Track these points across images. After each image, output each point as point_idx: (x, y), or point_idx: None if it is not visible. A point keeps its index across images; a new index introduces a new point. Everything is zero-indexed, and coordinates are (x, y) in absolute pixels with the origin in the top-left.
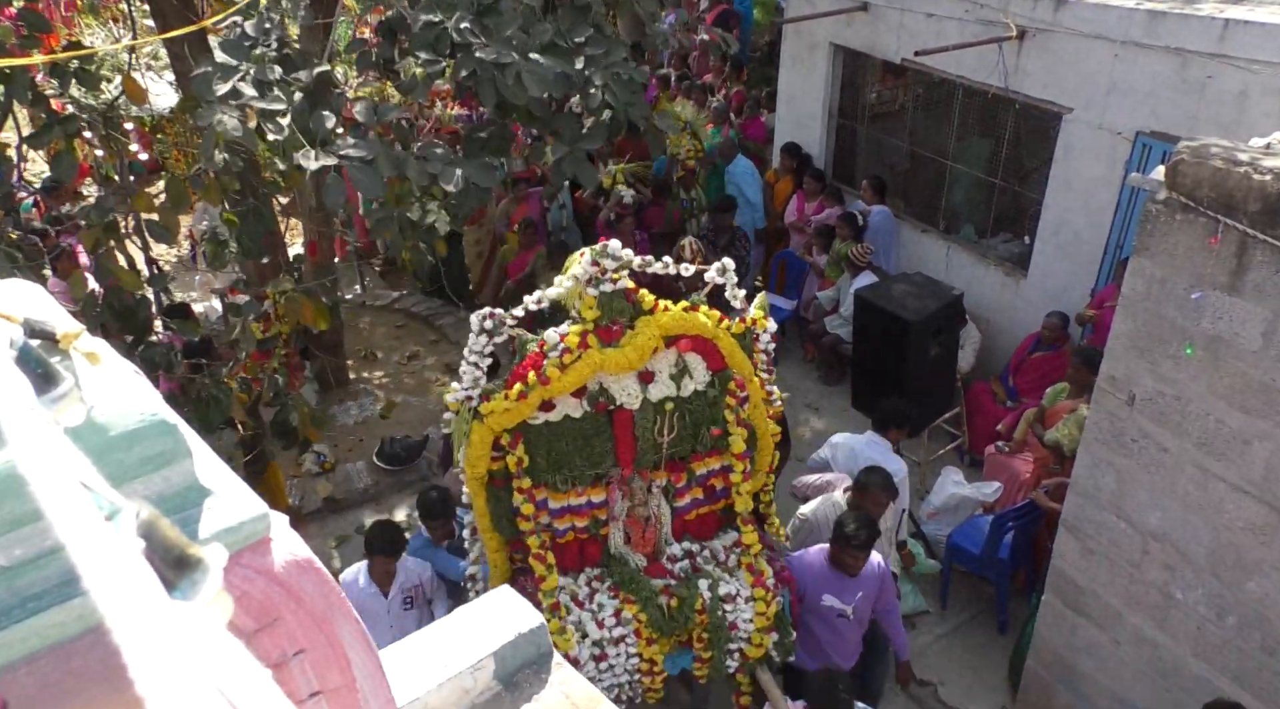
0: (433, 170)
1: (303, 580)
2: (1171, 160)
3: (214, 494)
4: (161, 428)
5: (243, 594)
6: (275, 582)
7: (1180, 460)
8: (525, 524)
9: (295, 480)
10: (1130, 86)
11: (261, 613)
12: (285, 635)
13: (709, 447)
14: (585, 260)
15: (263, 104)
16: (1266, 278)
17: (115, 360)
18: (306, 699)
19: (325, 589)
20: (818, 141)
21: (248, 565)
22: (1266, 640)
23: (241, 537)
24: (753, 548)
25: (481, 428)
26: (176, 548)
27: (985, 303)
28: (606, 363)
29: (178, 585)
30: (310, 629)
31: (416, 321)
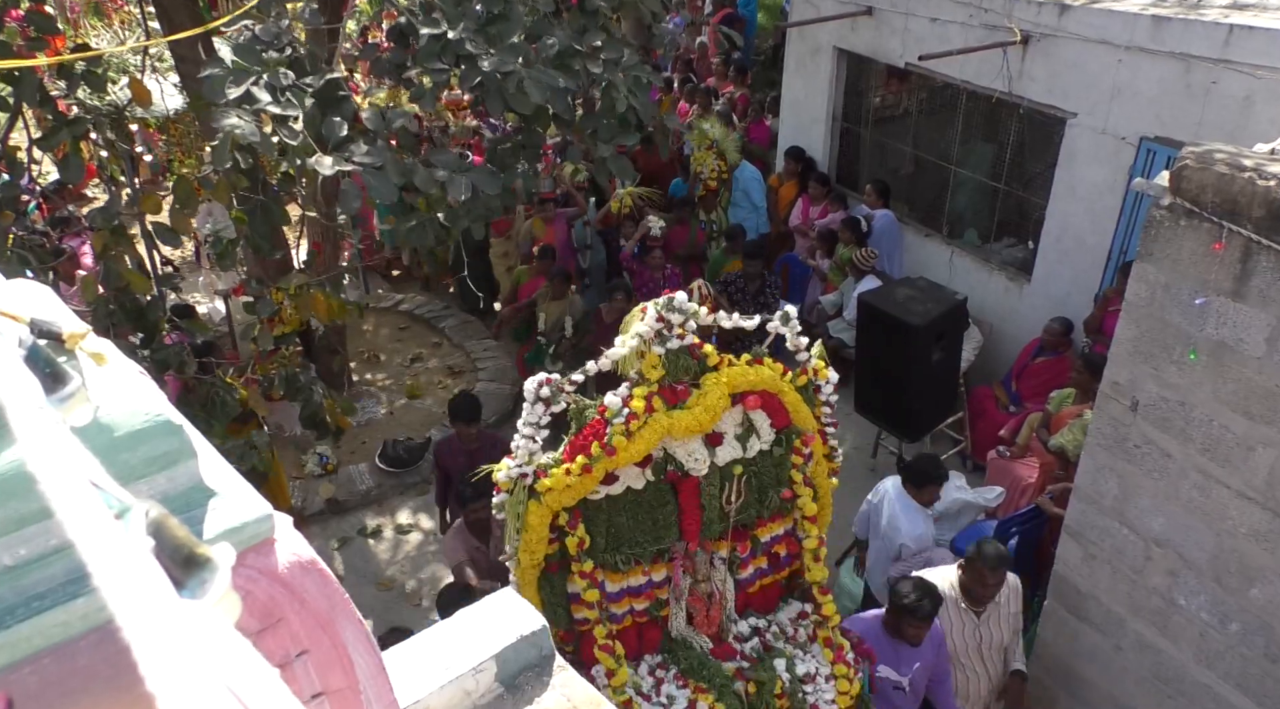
0: (440, 178)
1: (306, 581)
2: (1176, 166)
3: (218, 495)
4: (166, 428)
5: (246, 595)
6: (278, 582)
7: (1183, 466)
8: (589, 612)
9: (298, 482)
10: (1135, 92)
11: (265, 614)
12: (288, 636)
13: (773, 510)
14: (650, 316)
15: (276, 109)
16: (1271, 283)
17: (121, 361)
18: (309, 700)
19: (328, 590)
20: (821, 145)
21: (251, 566)
22: (1270, 647)
23: (245, 537)
24: (830, 620)
25: (539, 508)
26: (185, 547)
27: (989, 308)
28: (675, 427)
29: (186, 585)
30: (313, 630)
31: (419, 324)
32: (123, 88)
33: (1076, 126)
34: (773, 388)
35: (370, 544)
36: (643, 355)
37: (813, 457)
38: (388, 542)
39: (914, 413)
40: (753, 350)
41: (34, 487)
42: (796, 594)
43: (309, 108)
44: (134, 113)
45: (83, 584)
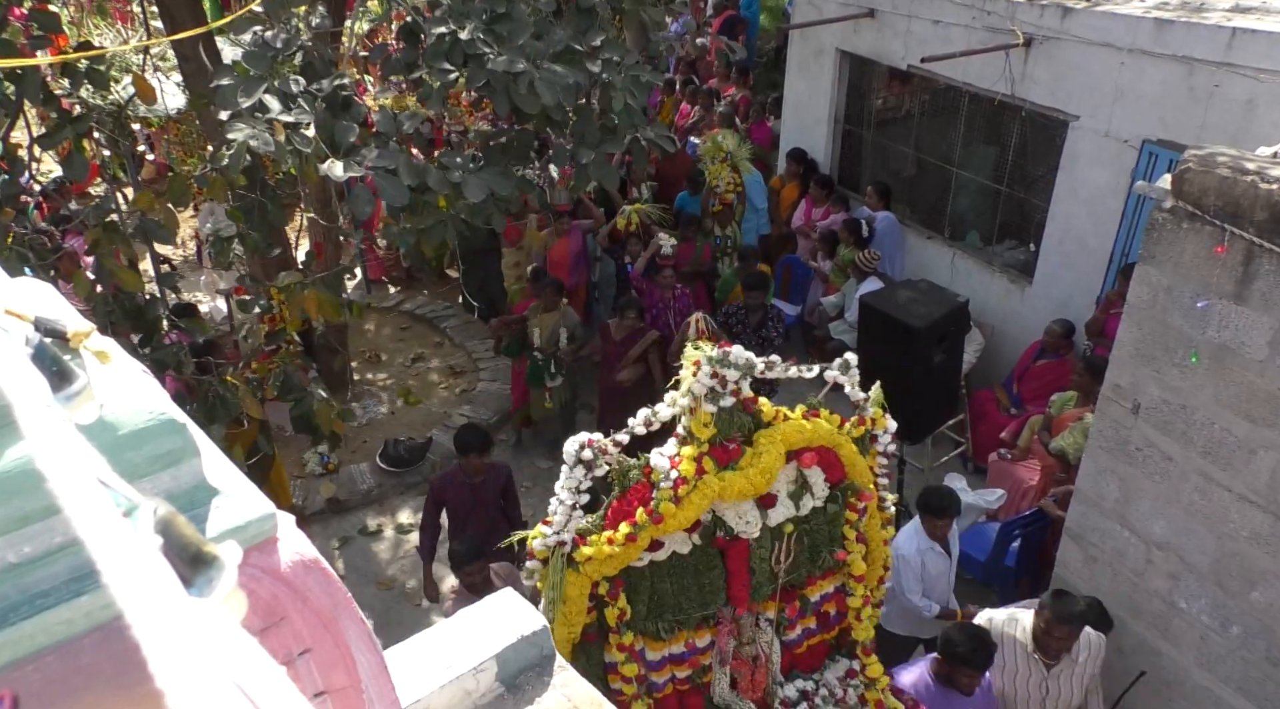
0: (454, 179)
1: (309, 580)
2: (1178, 168)
3: (222, 493)
4: (170, 427)
5: (249, 593)
6: (281, 581)
7: (1185, 469)
8: (627, 688)
9: (299, 481)
10: (1137, 94)
11: (268, 612)
12: (291, 635)
13: (825, 568)
14: (704, 372)
15: (289, 118)
16: (1273, 287)
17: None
18: (312, 699)
19: (331, 589)
20: (823, 147)
21: (254, 565)
22: (1271, 651)
23: (248, 536)
24: (879, 683)
25: (578, 578)
26: (193, 545)
27: (990, 310)
28: (727, 490)
29: (194, 582)
30: (316, 629)
31: (421, 324)
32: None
33: (1079, 129)
34: (830, 443)
35: (371, 544)
36: (693, 412)
37: (867, 511)
38: (388, 541)
39: (915, 415)
40: (809, 402)
41: (41, 484)
42: (844, 651)
43: (320, 112)
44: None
45: (88, 581)
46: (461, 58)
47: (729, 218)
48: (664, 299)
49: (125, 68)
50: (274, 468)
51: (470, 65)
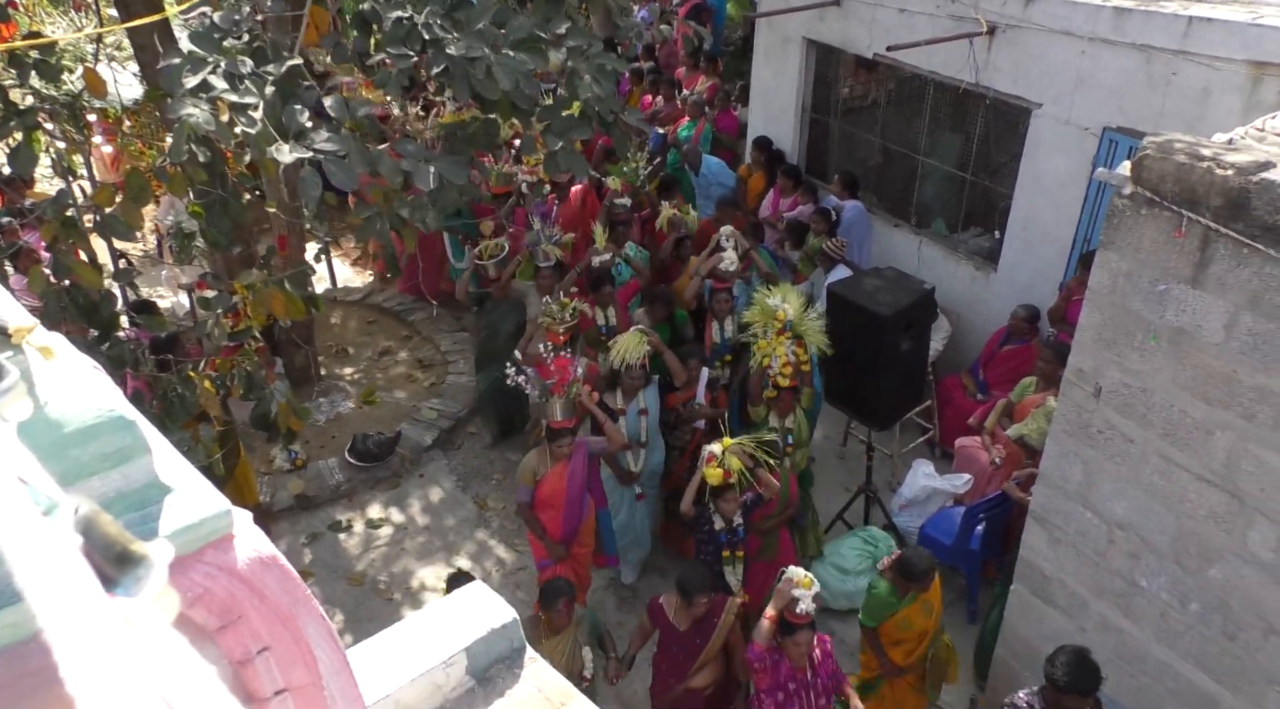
0: (406, 167)
1: (266, 577)
2: (1137, 156)
3: (175, 491)
4: (119, 424)
5: (205, 591)
6: (238, 579)
7: (1145, 451)
8: None
9: (266, 477)
10: (1097, 82)
11: (224, 610)
12: (249, 633)
13: None
14: None
15: (234, 97)
16: (1228, 271)
17: (72, 356)
18: (271, 697)
19: (289, 586)
20: (791, 136)
21: (210, 562)
22: (1227, 625)
23: (203, 533)
24: None
25: None
26: (118, 544)
27: (956, 297)
28: None
29: (120, 582)
30: (274, 626)
31: (388, 317)
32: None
33: (1041, 117)
34: None
35: (341, 539)
36: None
37: None
38: (358, 537)
39: (883, 401)
40: None
41: None
42: None
43: (269, 96)
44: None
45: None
46: (420, 43)
47: (787, 407)
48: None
49: (79, 58)
50: (240, 464)
51: (430, 51)
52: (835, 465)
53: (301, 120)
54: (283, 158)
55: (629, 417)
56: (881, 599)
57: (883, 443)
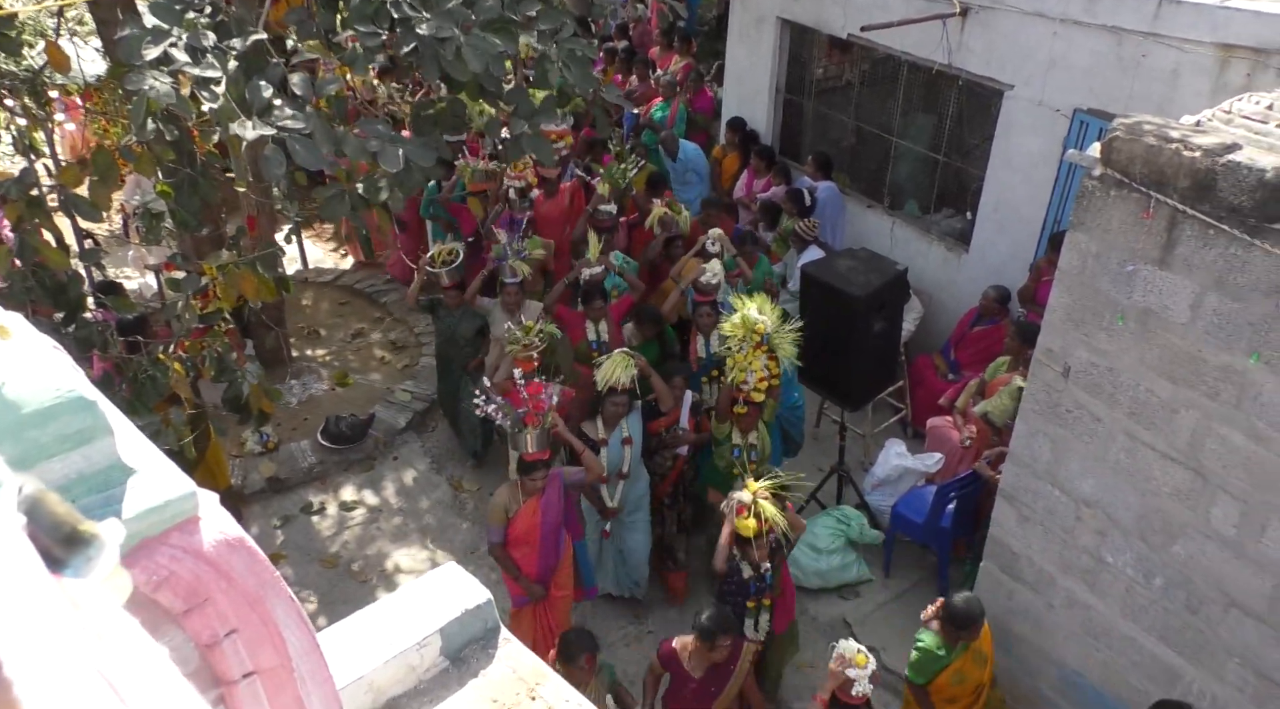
0: (372, 148)
1: (233, 560)
2: (1107, 137)
3: (138, 472)
4: (79, 404)
5: (170, 574)
6: (204, 561)
7: (1112, 429)
8: None
9: (238, 460)
10: (1069, 64)
11: (190, 593)
12: (216, 616)
13: None
14: None
15: (196, 71)
16: (1194, 251)
17: (31, 336)
18: (239, 680)
19: (257, 568)
20: (765, 117)
21: (175, 545)
22: (1190, 600)
23: (168, 516)
24: None
25: None
26: (66, 524)
27: (928, 278)
28: None
29: (69, 563)
30: (242, 609)
31: (360, 299)
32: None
33: (1013, 98)
34: None
35: (314, 522)
36: None
37: None
38: (331, 519)
39: (856, 382)
40: None
41: None
42: None
43: (233, 71)
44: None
45: None
46: (389, 21)
47: (753, 422)
48: None
49: (40, 32)
50: (211, 447)
51: (398, 29)
52: (809, 445)
53: (266, 96)
54: (246, 134)
55: (611, 446)
56: (929, 653)
57: (855, 423)
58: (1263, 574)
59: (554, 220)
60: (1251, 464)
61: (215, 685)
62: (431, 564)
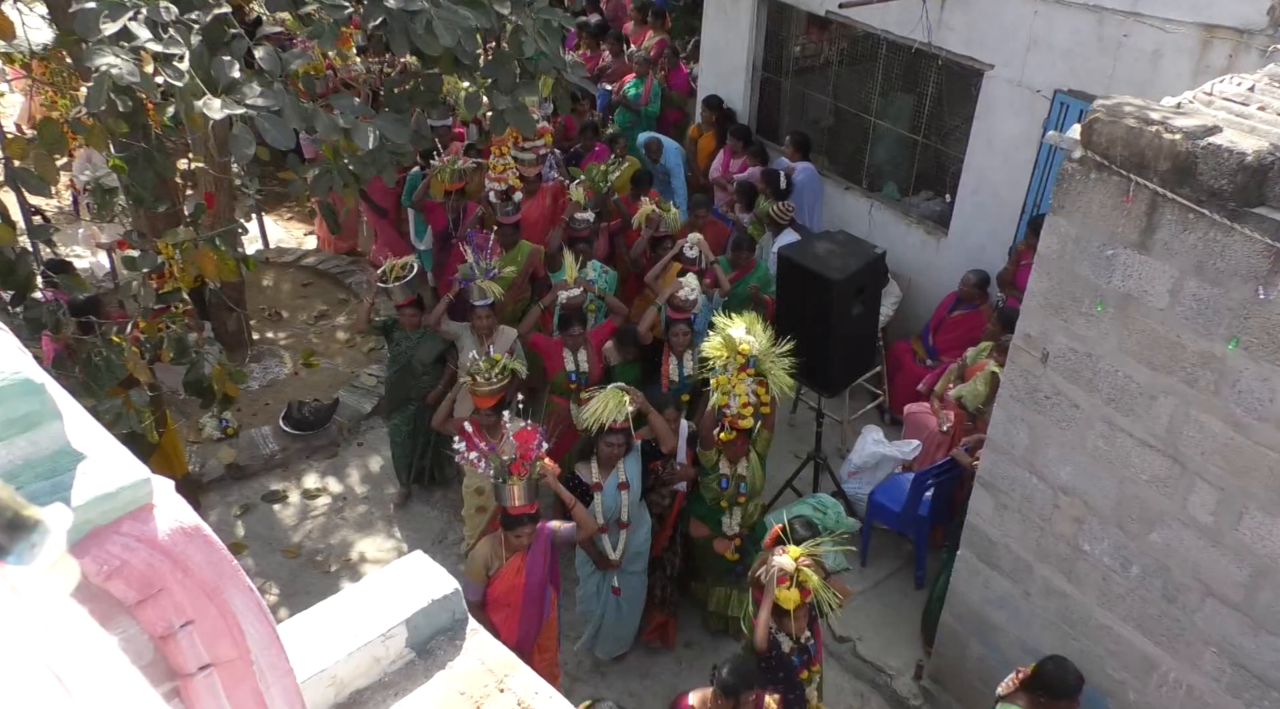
0: (345, 124)
1: (190, 549)
2: (1087, 119)
3: (89, 458)
4: (26, 388)
5: (123, 564)
6: (159, 550)
7: (1090, 416)
8: None
9: (196, 447)
10: (1049, 44)
11: (144, 583)
12: (171, 606)
13: None
14: None
15: (158, 47)
16: (1174, 236)
17: None
18: (196, 673)
19: (215, 557)
20: (742, 96)
21: (128, 534)
22: (1167, 588)
23: (120, 503)
24: None
25: None
26: (8, 509)
27: (907, 261)
28: None
29: (11, 550)
30: (198, 600)
31: (324, 279)
32: None
33: (993, 78)
34: None
35: (276, 510)
36: None
37: None
38: (294, 507)
39: (833, 368)
40: None
41: None
42: None
43: (196, 46)
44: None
45: None
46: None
47: (742, 451)
48: None
49: None
50: (168, 433)
51: (366, 2)
52: (785, 432)
53: (231, 72)
54: (212, 113)
55: (607, 491)
56: None
57: (832, 409)
58: (1239, 563)
59: (534, 222)
60: (1229, 452)
61: (170, 678)
62: (397, 553)
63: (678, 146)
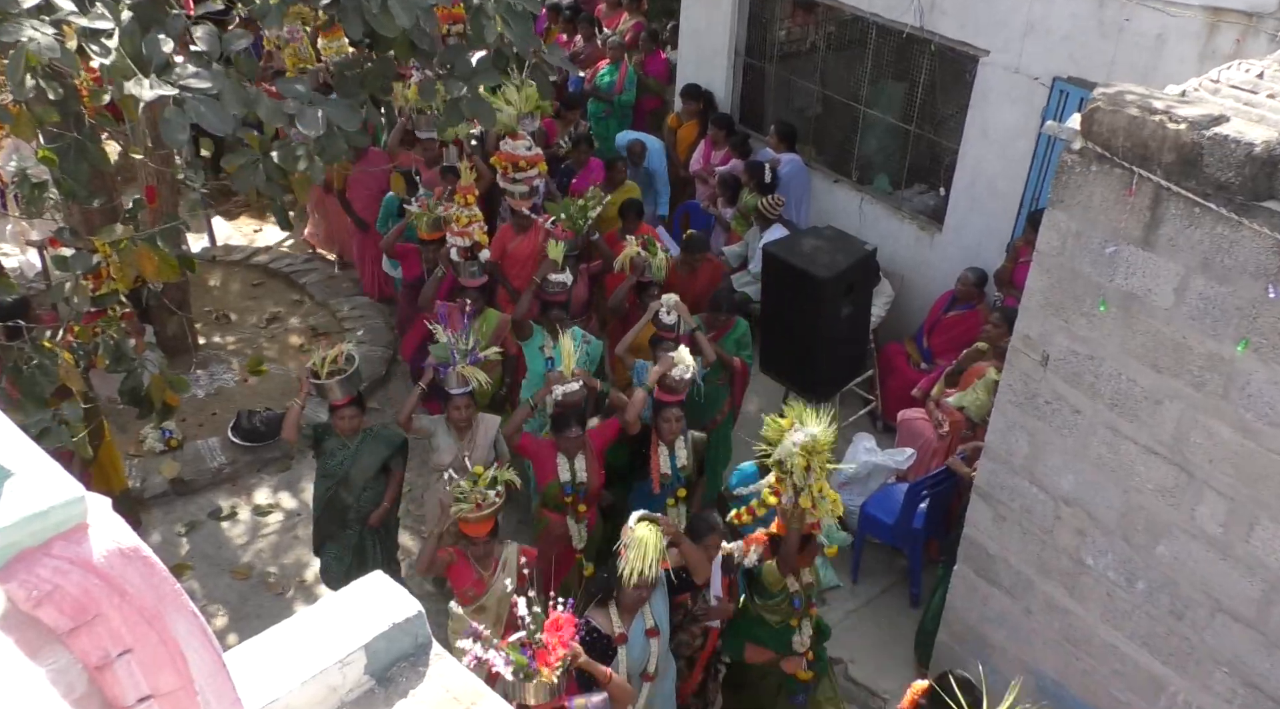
0: (289, 110)
1: (128, 571)
2: (1087, 108)
3: (16, 475)
4: None
5: (54, 588)
6: (94, 573)
7: (1093, 422)
8: None
9: (136, 460)
10: (1048, 28)
11: (78, 609)
12: (107, 634)
13: None
14: None
15: (84, 21)
16: (1179, 231)
17: None
18: (135, 705)
19: (155, 580)
20: (723, 82)
21: (60, 556)
22: (1175, 604)
23: (51, 523)
24: None
25: None
26: None
27: (899, 259)
28: None
29: None
30: (137, 626)
31: (276, 279)
32: None
33: (989, 65)
34: None
35: (223, 528)
36: None
37: None
38: (244, 525)
39: (822, 371)
40: None
41: None
42: None
43: (126, 22)
44: None
45: None
46: None
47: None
48: None
49: None
50: (105, 446)
51: None
52: None
53: (165, 51)
54: (143, 95)
55: (633, 641)
56: None
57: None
58: (1251, 577)
59: (525, 261)
60: (1239, 459)
61: None
62: None
63: (661, 146)
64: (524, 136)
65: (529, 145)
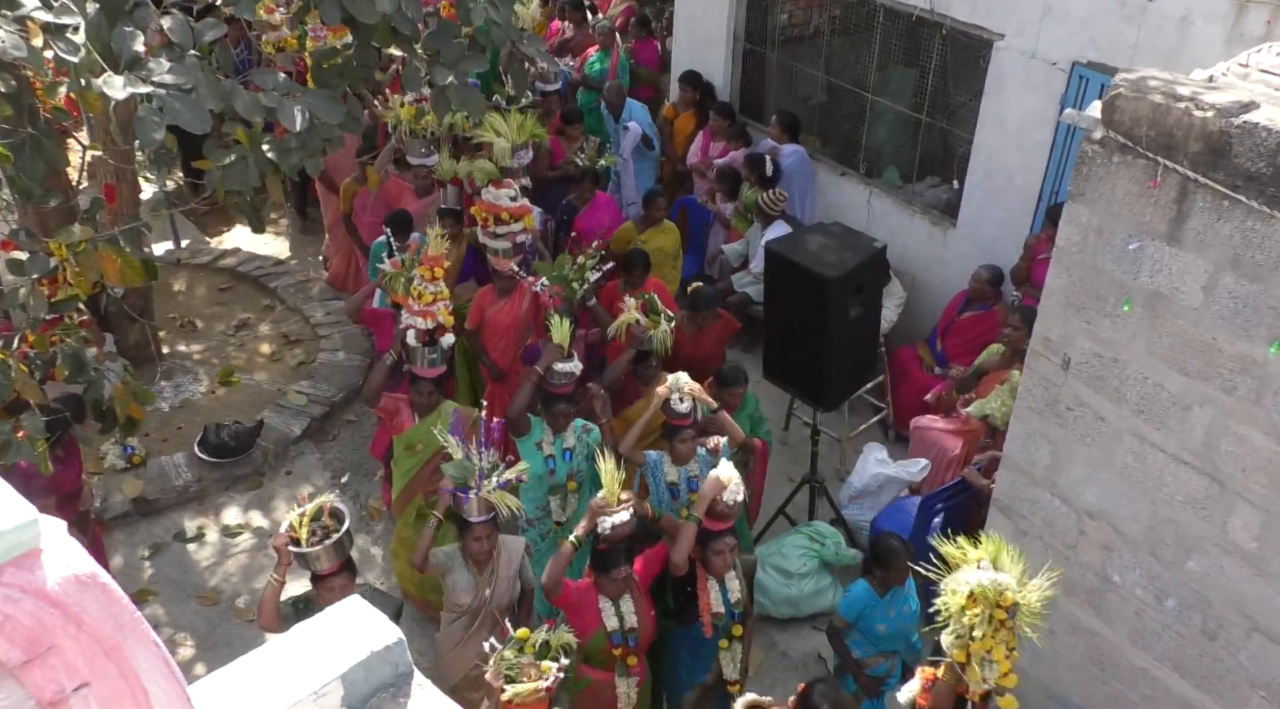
0: (268, 103)
1: (85, 599)
2: (1108, 95)
3: None
4: None
5: (5, 618)
6: (48, 602)
7: (1118, 429)
8: None
9: (96, 478)
10: (1066, 10)
11: (30, 641)
12: (62, 666)
13: None
14: None
15: (48, 16)
16: (1208, 225)
17: None
18: None
19: (115, 609)
20: (721, 70)
21: (11, 583)
22: (1207, 624)
23: (3, 549)
24: None
25: None
26: None
27: (911, 256)
28: None
29: None
30: (95, 658)
31: (245, 283)
32: None
33: (1004, 50)
34: None
35: (190, 551)
36: None
37: None
38: (212, 547)
39: (829, 378)
40: None
41: None
42: None
43: (93, 15)
44: None
45: None
46: None
47: None
48: None
49: None
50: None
51: None
52: (777, 452)
53: (135, 46)
54: (114, 92)
55: None
56: None
57: (830, 426)
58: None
59: (506, 331)
60: (1273, 468)
61: None
62: None
63: (641, 105)
64: (509, 184)
65: (514, 195)
